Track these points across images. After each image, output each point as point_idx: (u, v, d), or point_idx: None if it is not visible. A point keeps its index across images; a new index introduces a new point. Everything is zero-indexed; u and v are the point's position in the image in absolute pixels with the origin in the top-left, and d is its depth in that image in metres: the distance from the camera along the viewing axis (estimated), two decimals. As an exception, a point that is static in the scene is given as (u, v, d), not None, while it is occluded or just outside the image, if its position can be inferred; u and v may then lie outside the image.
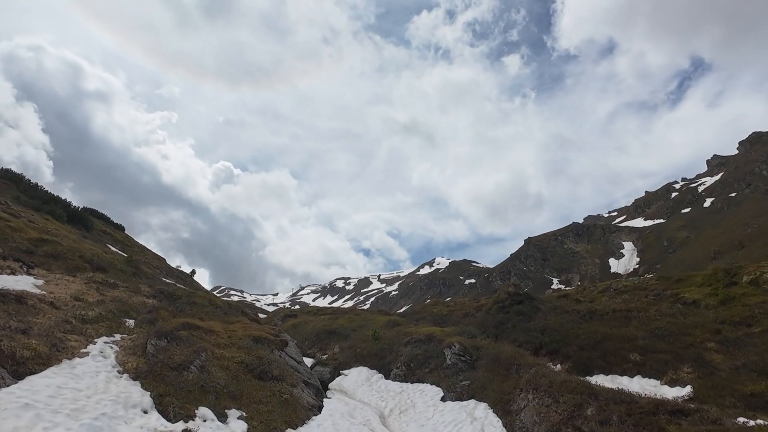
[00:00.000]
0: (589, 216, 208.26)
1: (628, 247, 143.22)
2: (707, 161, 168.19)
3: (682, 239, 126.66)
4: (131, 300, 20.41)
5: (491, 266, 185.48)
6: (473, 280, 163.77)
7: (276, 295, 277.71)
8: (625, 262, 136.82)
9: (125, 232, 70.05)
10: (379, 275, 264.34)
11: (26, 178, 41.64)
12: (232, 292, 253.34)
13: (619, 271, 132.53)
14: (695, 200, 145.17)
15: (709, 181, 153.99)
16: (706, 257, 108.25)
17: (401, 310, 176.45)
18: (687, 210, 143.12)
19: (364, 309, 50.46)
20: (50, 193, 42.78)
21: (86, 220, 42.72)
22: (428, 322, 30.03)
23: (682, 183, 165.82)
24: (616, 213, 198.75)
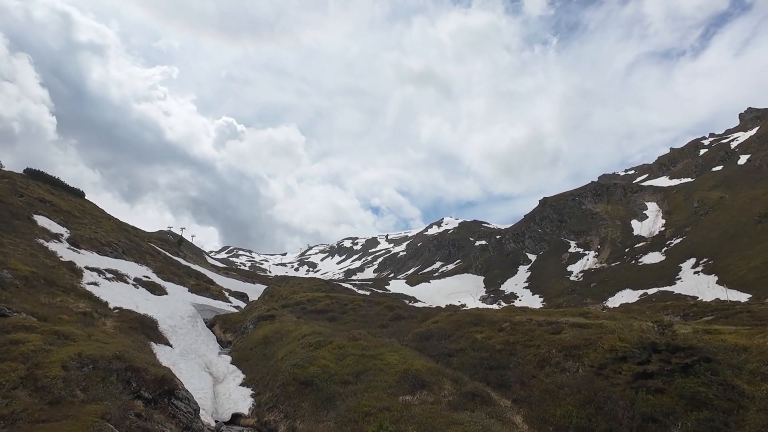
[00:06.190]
0: (604, 174, 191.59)
1: (652, 208, 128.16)
2: (740, 115, 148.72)
3: (715, 200, 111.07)
4: None
5: (502, 227, 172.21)
6: (484, 242, 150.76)
7: (285, 254, 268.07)
8: (650, 224, 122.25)
9: (85, 197, 56.70)
10: (387, 235, 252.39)
11: None
12: (241, 252, 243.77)
13: (642, 234, 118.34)
14: (728, 157, 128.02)
15: (744, 136, 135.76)
16: (748, 221, 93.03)
17: (410, 272, 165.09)
18: (719, 168, 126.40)
19: (371, 299, 36.77)
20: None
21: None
22: (471, 370, 16.52)
23: (711, 139, 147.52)
24: (633, 171, 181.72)
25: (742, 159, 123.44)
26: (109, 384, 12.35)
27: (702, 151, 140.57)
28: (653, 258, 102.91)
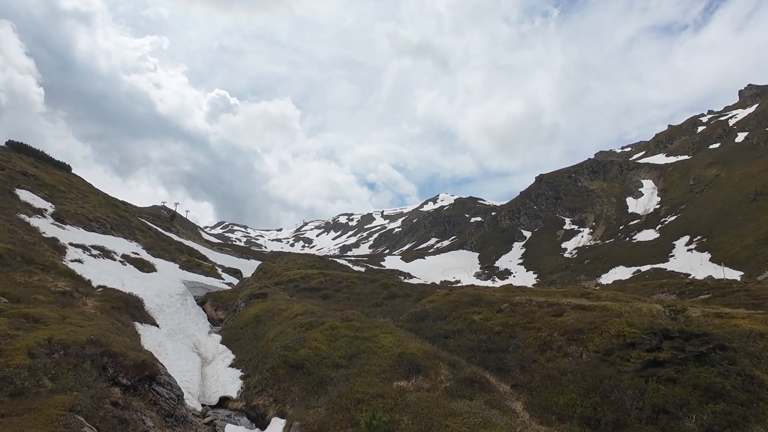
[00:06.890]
0: (600, 151, 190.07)
1: (648, 185, 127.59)
2: (740, 92, 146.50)
3: (711, 178, 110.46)
4: None
5: (498, 203, 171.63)
6: (479, 219, 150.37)
7: (280, 230, 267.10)
8: (645, 201, 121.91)
9: (71, 171, 54.91)
10: (382, 211, 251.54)
11: None
12: (236, 228, 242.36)
13: (637, 212, 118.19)
14: (726, 135, 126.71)
15: (742, 113, 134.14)
16: (743, 199, 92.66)
17: (405, 248, 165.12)
18: (716, 145, 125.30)
19: (365, 277, 36.00)
20: None
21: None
22: (468, 353, 15.82)
23: (709, 116, 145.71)
24: (630, 148, 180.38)
25: (740, 136, 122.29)
26: (82, 371, 11.43)
27: (700, 129, 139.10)
28: (647, 235, 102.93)
